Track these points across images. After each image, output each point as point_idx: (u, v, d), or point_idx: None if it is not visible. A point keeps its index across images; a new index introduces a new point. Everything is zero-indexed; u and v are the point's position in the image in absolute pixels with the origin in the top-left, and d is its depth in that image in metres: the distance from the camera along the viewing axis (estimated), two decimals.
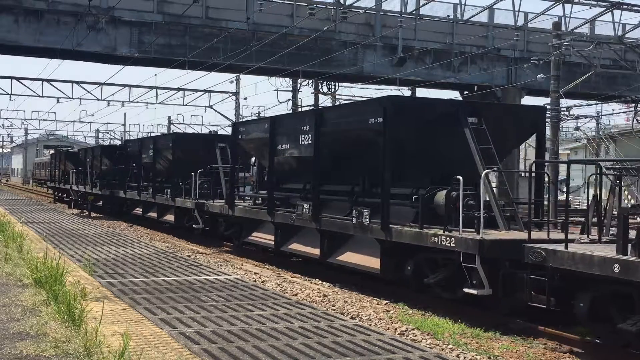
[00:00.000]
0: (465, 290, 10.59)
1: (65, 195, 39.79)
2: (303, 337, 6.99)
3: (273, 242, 16.61)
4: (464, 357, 8.13)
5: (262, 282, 13.07)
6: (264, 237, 17.36)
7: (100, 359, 5.71)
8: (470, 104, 14.03)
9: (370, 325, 9.01)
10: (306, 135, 15.16)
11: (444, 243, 10.75)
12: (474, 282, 10.47)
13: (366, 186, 13.93)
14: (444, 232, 10.82)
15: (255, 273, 14.57)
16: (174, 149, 24.38)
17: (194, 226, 21.35)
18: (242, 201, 19.36)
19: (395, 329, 9.44)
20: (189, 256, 16.34)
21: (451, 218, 11.01)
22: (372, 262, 12.81)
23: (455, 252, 10.58)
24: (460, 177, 10.79)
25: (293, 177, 16.64)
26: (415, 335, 9.13)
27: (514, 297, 10.33)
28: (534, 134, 13.86)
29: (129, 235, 19.21)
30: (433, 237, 10.95)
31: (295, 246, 15.88)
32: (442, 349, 8.45)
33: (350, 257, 13.70)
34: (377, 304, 11.63)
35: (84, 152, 40.15)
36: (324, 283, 13.67)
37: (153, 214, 26.52)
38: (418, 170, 12.94)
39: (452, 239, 10.57)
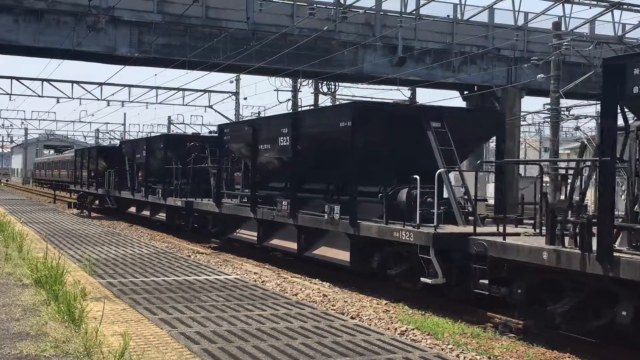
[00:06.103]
0: None
1: (103, 204, 32.65)
2: (303, 337, 6.99)
3: None
4: (464, 357, 8.14)
5: (262, 282, 13.08)
6: None
7: (101, 359, 5.71)
8: None
9: (370, 325, 9.01)
10: None
11: None
12: None
13: None
14: None
15: (255, 273, 14.57)
16: (354, 131, 13.26)
17: (424, 279, 11.44)
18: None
19: (395, 329, 9.45)
20: (189, 256, 16.34)
21: None
22: None
23: None
24: None
25: None
26: (415, 335, 9.14)
27: None
28: None
29: (129, 235, 19.21)
30: None
31: None
32: (442, 349, 8.45)
33: None
34: (377, 304, 11.63)
35: (130, 146, 30.16)
36: (324, 283, 13.66)
37: (283, 243, 16.18)
38: None
39: None
